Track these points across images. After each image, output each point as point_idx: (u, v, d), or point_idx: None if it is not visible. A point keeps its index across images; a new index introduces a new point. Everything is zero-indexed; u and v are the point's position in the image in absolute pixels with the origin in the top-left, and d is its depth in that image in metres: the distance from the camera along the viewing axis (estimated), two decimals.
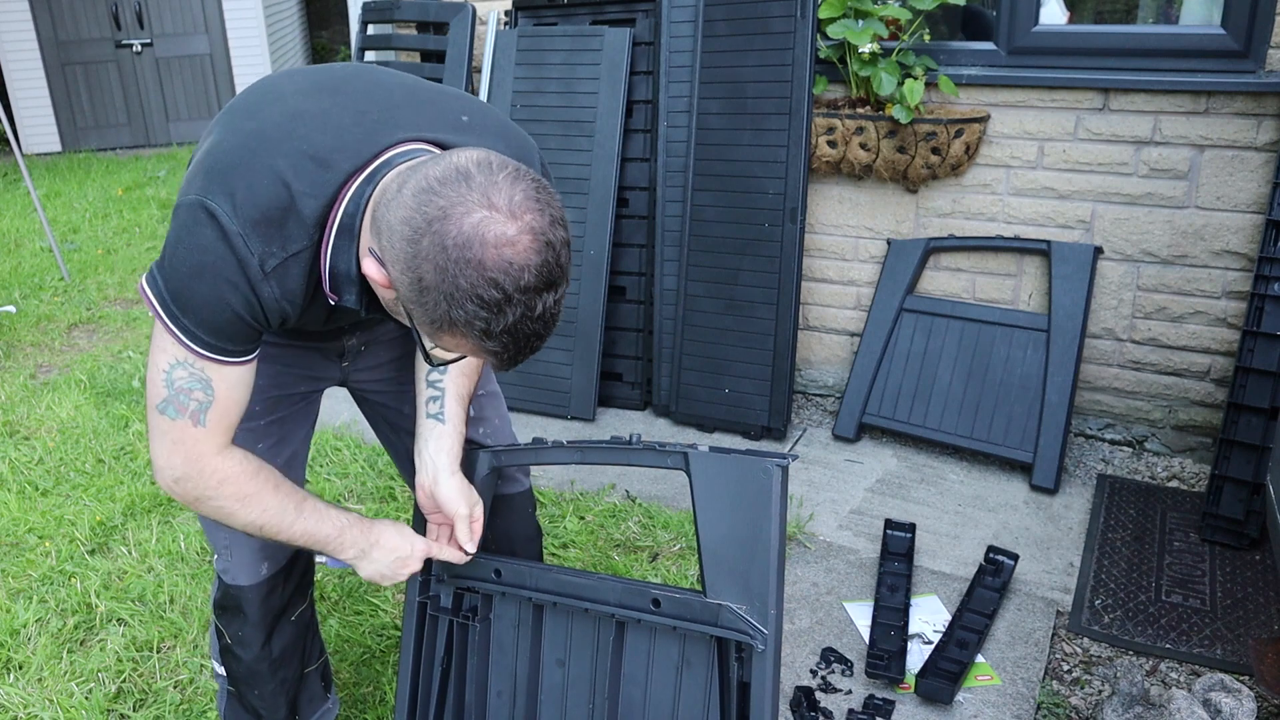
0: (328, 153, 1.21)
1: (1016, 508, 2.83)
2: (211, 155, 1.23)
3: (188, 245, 1.20)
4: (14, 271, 5.26)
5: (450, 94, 1.37)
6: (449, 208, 1.06)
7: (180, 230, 1.21)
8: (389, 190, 1.14)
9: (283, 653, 1.71)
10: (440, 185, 1.08)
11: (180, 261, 1.21)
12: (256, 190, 1.19)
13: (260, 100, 1.28)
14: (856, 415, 3.21)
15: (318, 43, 12.89)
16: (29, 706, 2.15)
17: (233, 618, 1.66)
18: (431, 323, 1.11)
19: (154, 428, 1.31)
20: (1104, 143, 2.91)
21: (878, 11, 2.99)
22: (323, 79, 1.31)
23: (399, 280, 1.11)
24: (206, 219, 1.19)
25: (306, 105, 1.25)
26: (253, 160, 1.20)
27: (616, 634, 1.57)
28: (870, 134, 3.05)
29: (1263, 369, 2.59)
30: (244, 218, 1.18)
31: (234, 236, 1.18)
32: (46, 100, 8.83)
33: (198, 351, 1.25)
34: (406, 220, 1.08)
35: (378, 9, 3.97)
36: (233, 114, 1.29)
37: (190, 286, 1.21)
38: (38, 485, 3.06)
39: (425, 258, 1.07)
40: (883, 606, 2.36)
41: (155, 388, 1.29)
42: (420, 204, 1.08)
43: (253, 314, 1.24)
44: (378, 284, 1.16)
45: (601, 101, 3.38)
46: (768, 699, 1.43)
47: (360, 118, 1.25)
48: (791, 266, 3.13)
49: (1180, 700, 1.86)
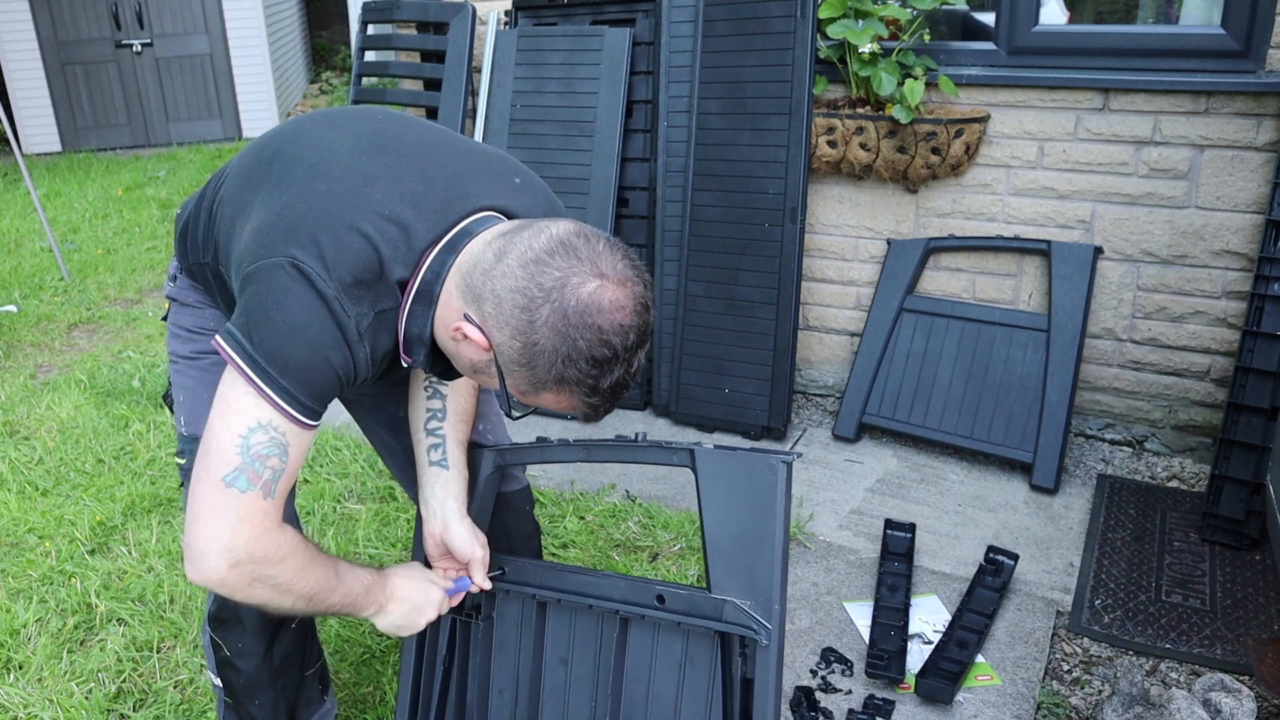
0: (408, 219, 1.24)
1: (1016, 508, 2.83)
2: (288, 216, 1.23)
3: (282, 306, 1.18)
4: (14, 271, 5.26)
5: (496, 156, 1.41)
6: (564, 278, 1.15)
7: (272, 291, 1.19)
8: (483, 261, 1.21)
9: (284, 660, 1.69)
10: (549, 257, 1.16)
11: (275, 323, 1.18)
12: (345, 252, 1.20)
13: (319, 157, 1.29)
14: (856, 415, 3.21)
15: (318, 43, 12.89)
16: (29, 706, 2.15)
17: (231, 630, 1.63)
18: (535, 383, 1.20)
19: (213, 505, 1.20)
20: (1104, 143, 2.91)
21: (878, 11, 2.99)
22: (374, 137, 1.33)
23: (505, 344, 1.19)
24: (300, 280, 1.18)
25: (372, 167, 1.27)
26: (334, 222, 1.21)
27: (620, 630, 1.57)
28: (870, 134, 3.05)
29: (1263, 369, 2.59)
30: (337, 280, 1.19)
31: (331, 300, 1.19)
32: (46, 100, 8.83)
33: (288, 413, 1.21)
34: (520, 290, 1.16)
35: (378, 9, 3.97)
36: (291, 170, 1.28)
37: (288, 347, 1.18)
38: (38, 485, 3.06)
39: (544, 324, 1.15)
40: (883, 606, 2.36)
41: (225, 457, 1.19)
42: (532, 275, 1.16)
43: (347, 375, 1.24)
44: (474, 347, 1.22)
45: (601, 101, 3.38)
46: (771, 694, 1.43)
47: (430, 184, 1.28)
48: (791, 266, 3.13)
49: (1180, 700, 1.86)
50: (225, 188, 1.40)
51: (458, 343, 1.25)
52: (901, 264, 3.23)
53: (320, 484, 3.01)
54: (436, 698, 1.74)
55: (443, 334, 1.27)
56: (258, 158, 1.37)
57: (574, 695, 1.64)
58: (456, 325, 1.23)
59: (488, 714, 1.72)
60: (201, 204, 1.48)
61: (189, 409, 1.57)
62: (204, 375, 1.55)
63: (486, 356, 1.23)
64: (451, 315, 1.25)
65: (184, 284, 1.59)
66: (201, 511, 1.20)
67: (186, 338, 1.59)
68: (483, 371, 1.27)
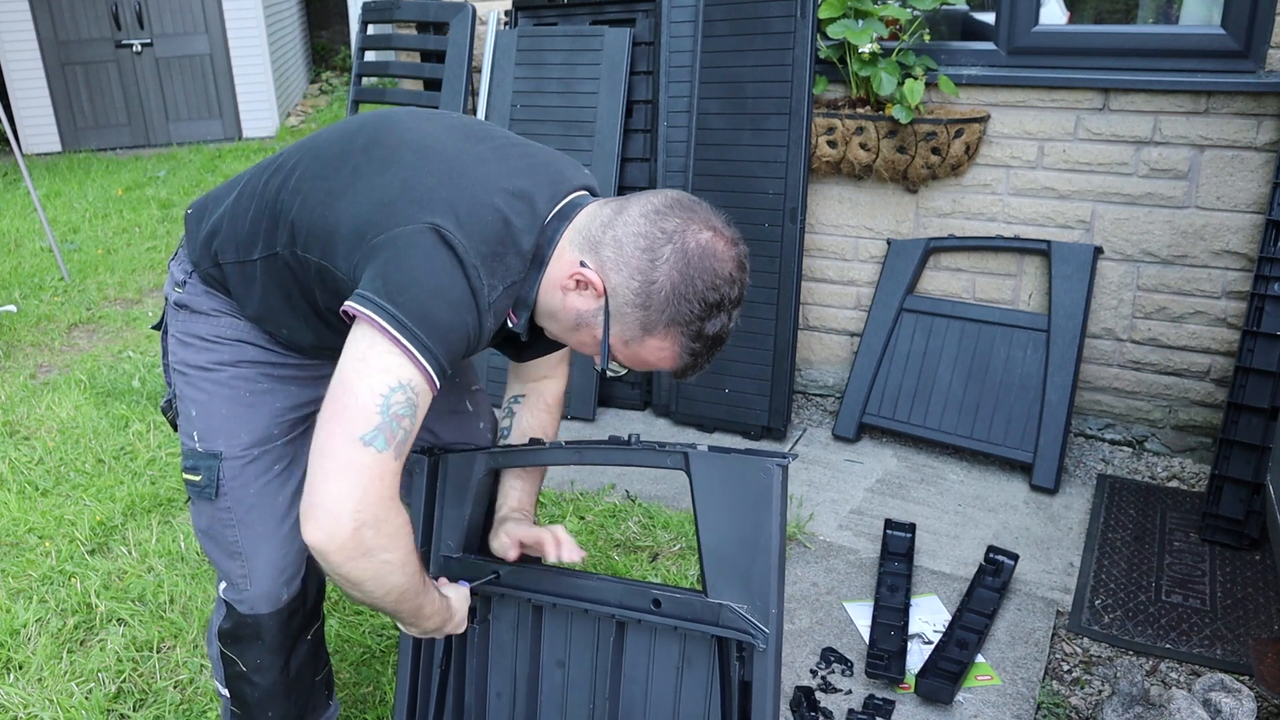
0: (530, 192, 1.31)
1: (1016, 508, 2.83)
2: (415, 189, 1.24)
3: (425, 269, 1.19)
4: (14, 271, 5.26)
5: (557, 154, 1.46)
6: (684, 225, 1.27)
7: (413, 254, 1.19)
8: (601, 216, 1.30)
9: (299, 671, 1.68)
10: (668, 209, 1.28)
11: (419, 284, 1.18)
12: (480, 221, 1.24)
13: (425, 143, 1.32)
14: (857, 415, 3.21)
15: (318, 43, 12.89)
16: (29, 706, 2.15)
17: (248, 646, 1.60)
18: (645, 325, 1.28)
19: (348, 463, 1.16)
20: (1104, 143, 2.91)
21: (878, 11, 2.99)
22: (466, 129, 1.39)
23: (621, 286, 1.27)
24: (441, 244, 1.20)
25: (479, 151, 1.33)
26: (464, 193, 1.25)
27: (617, 634, 1.57)
28: (870, 134, 3.05)
29: (1263, 369, 2.59)
30: (475, 250, 1.22)
31: (469, 268, 1.22)
32: (46, 100, 8.83)
33: (428, 373, 1.20)
34: (643, 234, 1.26)
35: (378, 9, 3.97)
36: (398, 153, 1.30)
37: (433, 308, 1.19)
38: (38, 485, 3.06)
39: (665, 261, 1.25)
40: (883, 606, 2.36)
41: (366, 415, 1.16)
42: (654, 222, 1.27)
43: (473, 342, 1.27)
44: (587, 295, 1.29)
45: (601, 101, 3.38)
46: (769, 698, 1.43)
47: (533, 165, 1.36)
48: (791, 266, 3.13)
49: (1180, 700, 1.86)
50: (299, 177, 1.36)
51: (566, 293, 1.31)
52: (901, 264, 3.23)
53: None
54: (435, 699, 1.73)
55: (550, 291, 1.33)
56: (345, 146, 1.35)
57: (572, 697, 1.64)
58: (573, 273, 1.29)
59: (485, 715, 1.72)
60: (243, 201, 1.43)
61: (203, 424, 1.50)
62: (219, 389, 1.50)
63: (596, 304, 1.30)
64: (564, 268, 1.31)
65: (196, 289, 1.51)
66: (335, 469, 1.16)
67: (201, 347, 1.51)
68: (586, 324, 1.32)
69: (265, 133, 9.23)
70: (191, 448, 1.52)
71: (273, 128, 9.24)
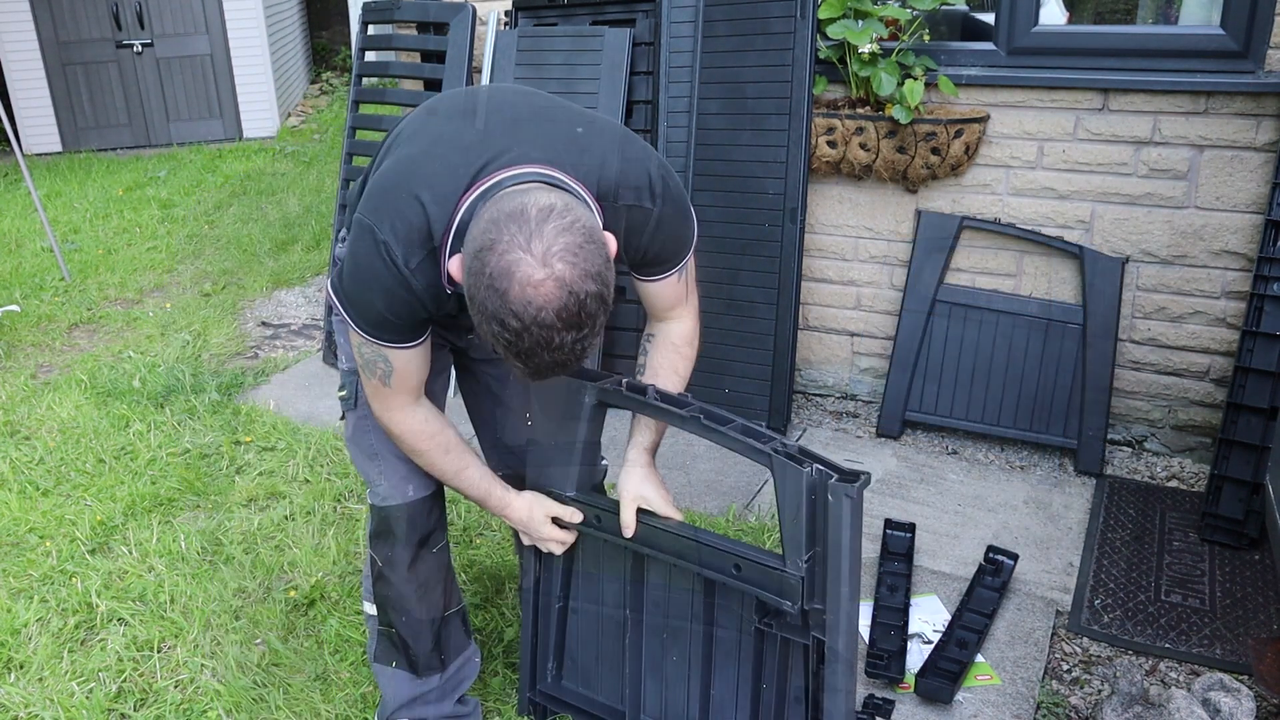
0: (454, 171, 1.45)
1: (1016, 508, 2.83)
2: (375, 181, 1.54)
3: (353, 255, 1.51)
4: (15, 271, 5.27)
5: (571, 109, 1.58)
6: (496, 242, 1.28)
7: (352, 242, 1.53)
8: (487, 211, 1.37)
9: (427, 579, 1.87)
10: (505, 220, 1.30)
11: (349, 268, 1.53)
12: (403, 212, 1.46)
13: (419, 125, 1.57)
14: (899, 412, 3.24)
15: (318, 43, 12.89)
16: (30, 706, 2.15)
17: (384, 541, 1.85)
18: (476, 326, 1.35)
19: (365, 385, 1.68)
20: (1104, 143, 2.91)
21: (878, 12, 2.99)
22: (467, 102, 1.57)
23: (463, 283, 1.36)
24: (366, 234, 1.48)
25: (447, 129, 1.53)
26: (400, 187, 1.48)
27: (705, 588, 1.70)
28: (870, 134, 3.06)
29: (1262, 369, 2.59)
30: (395, 233, 1.45)
31: (384, 248, 1.46)
32: (47, 100, 8.82)
33: (370, 339, 1.57)
34: (472, 240, 1.33)
35: (378, 9, 3.98)
36: (396, 139, 1.59)
37: (353, 287, 1.53)
38: (38, 485, 3.07)
39: (472, 275, 1.30)
40: (883, 606, 2.36)
41: (356, 357, 1.65)
42: (484, 231, 1.31)
43: (406, 309, 1.52)
44: (456, 281, 1.41)
45: (601, 102, 3.38)
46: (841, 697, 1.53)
47: (485, 137, 1.49)
48: (791, 266, 3.13)
49: (1180, 700, 1.86)
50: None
51: (451, 273, 1.45)
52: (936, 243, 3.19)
53: (320, 484, 3.01)
54: (555, 628, 1.96)
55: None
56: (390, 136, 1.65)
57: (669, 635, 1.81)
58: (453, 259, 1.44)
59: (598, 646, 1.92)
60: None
61: (348, 349, 1.78)
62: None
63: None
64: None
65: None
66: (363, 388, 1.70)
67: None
68: None
69: (266, 133, 9.23)
70: (342, 369, 1.83)
71: (273, 128, 9.24)
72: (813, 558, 1.49)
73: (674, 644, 1.80)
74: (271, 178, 7.46)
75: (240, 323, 4.53)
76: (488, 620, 2.38)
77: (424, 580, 1.87)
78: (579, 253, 1.28)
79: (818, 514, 1.47)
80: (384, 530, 1.85)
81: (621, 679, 1.89)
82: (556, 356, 1.31)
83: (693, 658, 1.77)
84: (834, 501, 1.44)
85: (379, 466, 1.83)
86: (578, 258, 1.28)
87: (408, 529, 1.84)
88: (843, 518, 1.44)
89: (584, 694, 1.97)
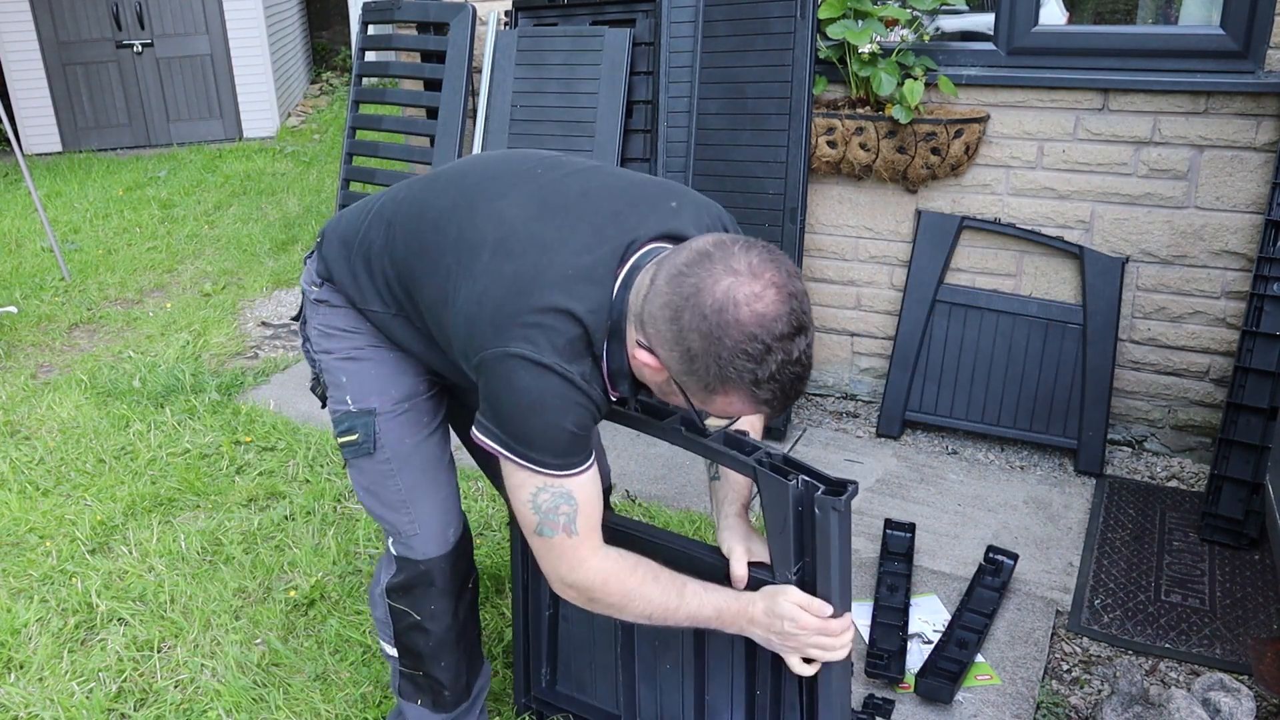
0: (591, 271, 1.36)
1: (1016, 508, 2.83)
2: (487, 307, 1.37)
3: (514, 389, 1.35)
4: (15, 271, 5.27)
5: (650, 184, 1.52)
6: (699, 283, 1.23)
7: (503, 380, 1.36)
8: (642, 288, 1.32)
9: (466, 617, 1.78)
10: (688, 268, 1.24)
11: (512, 406, 1.36)
12: (558, 330, 1.34)
13: (500, 234, 1.42)
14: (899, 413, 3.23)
15: (318, 43, 12.89)
16: (30, 706, 2.15)
17: (422, 594, 1.71)
18: (705, 388, 1.27)
19: (539, 549, 1.47)
20: (1103, 143, 2.91)
21: (878, 12, 2.99)
22: (541, 198, 1.46)
23: (669, 359, 1.28)
24: (522, 363, 1.34)
25: (547, 233, 1.40)
26: (530, 301, 1.35)
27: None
28: (870, 134, 3.06)
29: (1262, 369, 2.59)
30: (555, 350, 1.34)
31: (557, 368, 1.34)
32: (47, 100, 8.82)
33: (550, 474, 1.40)
34: (666, 304, 1.25)
35: (378, 9, 3.98)
36: (478, 254, 1.41)
37: (529, 423, 1.37)
38: (38, 485, 3.07)
39: (689, 329, 1.23)
40: (883, 606, 2.36)
41: (526, 517, 1.44)
42: (674, 288, 1.25)
43: (589, 420, 1.40)
44: (650, 369, 1.33)
45: (601, 101, 3.39)
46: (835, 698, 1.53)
47: (599, 233, 1.40)
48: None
49: (1179, 700, 1.86)
50: (414, 258, 1.51)
51: (640, 365, 1.35)
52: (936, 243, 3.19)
53: (320, 484, 3.01)
54: (546, 634, 1.93)
55: (634, 364, 1.37)
56: (437, 232, 1.48)
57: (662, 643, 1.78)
58: (634, 351, 1.34)
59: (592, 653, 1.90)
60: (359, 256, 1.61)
61: (355, 387, 1.67)
62: (366, 362, 1.68)
63: (664, 375, 1.32)
64: (631, 344, 1.36)
65: (331, 290, 1.68)
66: (537, 553, 1.48)
67: (341, 336, 1.68)
68: (670, 392, 1.37)
69: (266, 133, 9.23)
70: (346, 411, 1.67)
71: (273, 128, 9.24)
72: (802, 569, 1.48)
73: (666, 652, 1.78)
74: (271, 178, 7.46)
75: (240, 323, 4.54)
76: (488, 620, 2.37)
77: (464, 622, 1.78)
78: (773, 257, 1.26)
79: (805, 526, 1.45)
80: (423, 584, 1.70)
81: (615, 686, 1.88)
82: (798, 369, 1.25)
83: (685, 665, 1.75)
84: (821, 515, 1.42)
85: (410, 515, 1.68)
86: (775, 261, 1.26)
87: (451, 577, 1.71)
88: (831, 531, 1.42)
89: (578, 699, 1.96)
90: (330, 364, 1.69)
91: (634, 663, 1.84)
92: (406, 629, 1.74)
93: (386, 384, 1.66)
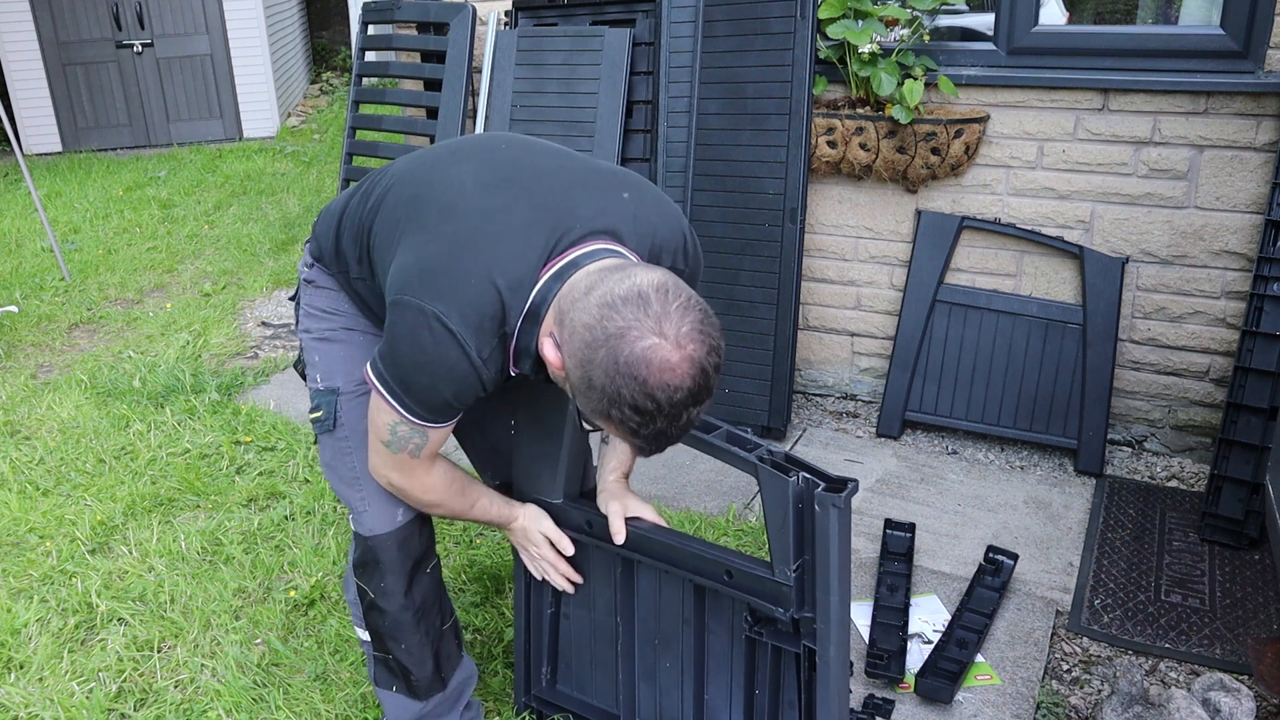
0: (523, 251, 1.41)
1: (1016, 508, 2.83)
2: (424, 259, 1.44)
3: (415, 343, 1.42)
4: (15, 271, 5.27)
5: (611, 173, 1.57)
6: (626, 329, 1.26)
7: (409, 329, 1.42)
8: (577, 290, 1.35)
9: (424, 602, 1.82)
10: (622, 304, 1.27)
11: (406, 356, 1.44)
12: (476, 300, 1.40)
13: (448, 197, 1.49)
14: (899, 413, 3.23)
15: (318, 43, 12.89)
16: (30, 706, 2.15)
17: (373, 571, 1.78)
18: (592, 410, 1.32)
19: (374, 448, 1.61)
20: (1103, 143, 2.91)
21: (878, 12, 2.99)
22: (495, 170, 1.52)
23: (571, 369, 1.33)
24: (433, 322, 1.40)
25: (492, 201, 1.47)
26: (468, 271, 1.41)
27: (696, 596, 1.69)
28: (870, 134, 3.06)
29: (1262, 369, 2.59)
30: (467, 323, 1.39)
31: (460, 338, 1.40)
32: (47, 100, 8.82)
33: (415, 421, 1.51)
34: (589, 327, 1.29)
35: (378, 9, 3.98)
36: (426, 211, 1.49)
37: (415, 378, 1.45)
38: (38, 485, 3.07)
39: (599, 365, 1.27)
40: (882, 606, 2.36)
41: (380, 431, 1.56)
42: (602, 316, 1.28)
43: (476, 395, 1.48)
44: (552, 366, 1.38)
45: (601, 101, 3.39)
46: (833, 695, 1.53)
47: (542, 209, 1.45)
48: (791, 266, 3.13)
49: (1179, 700, 1.86)
50: (378, 223, 1.59)
51: (544, 356, 1.39)
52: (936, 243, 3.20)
53: (320, 484, 3.01)
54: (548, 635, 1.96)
55: (540, 348, 1.42)
56: (400, 196, 1.57)
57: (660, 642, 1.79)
58: (542, 340, 1.39)
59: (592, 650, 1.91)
60: (347, 225, 1.68)
61: (324, 367, 1.77)
62: (338, 343, 1.78)
63: (562, 375, 1.37)
64: (545, 330, 1.41)
65: (320, 271, 1.78)
66: (374, 453, 1.62)
67: (321, 317, 1.78)
68: (562, 385, 1.41)
69: (266, 133, 9.23)
70: (315, 388, 1.77)
71: (273, 128, 9.24)
72: (801, 566, 1.49)
73: (665, 651, 1.79)
74: (271, 178, 7.46)
75: (240, 323, 4.54)
76: (488, 620, 2.38)
77: (420, 605, 1.81)
78: (703, 329, 1.29)
79: (805, 523, 1.46)
80: (371, 560, 1.77)
81: (615, 685, 1.88)
82: (678, 431, 1.31)
83: (685, 664, 1.76)
84: (821, 511, 1.43)
85: (361, 492, 1.76)
86: (704, 334, 1.29)
87: (399, 556, 1.77)
88: (830, 527, 1.43)
89: (578, 698, 1.97)
90: (308, 343, 1.79)
91: (634, 662, 1.84)
92: (368, 608, 1.82)
93: (352, 366, 1.74)
